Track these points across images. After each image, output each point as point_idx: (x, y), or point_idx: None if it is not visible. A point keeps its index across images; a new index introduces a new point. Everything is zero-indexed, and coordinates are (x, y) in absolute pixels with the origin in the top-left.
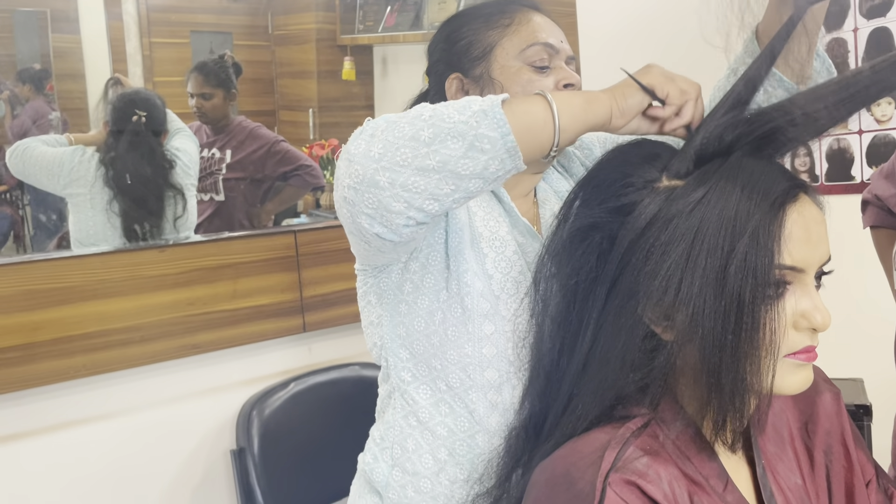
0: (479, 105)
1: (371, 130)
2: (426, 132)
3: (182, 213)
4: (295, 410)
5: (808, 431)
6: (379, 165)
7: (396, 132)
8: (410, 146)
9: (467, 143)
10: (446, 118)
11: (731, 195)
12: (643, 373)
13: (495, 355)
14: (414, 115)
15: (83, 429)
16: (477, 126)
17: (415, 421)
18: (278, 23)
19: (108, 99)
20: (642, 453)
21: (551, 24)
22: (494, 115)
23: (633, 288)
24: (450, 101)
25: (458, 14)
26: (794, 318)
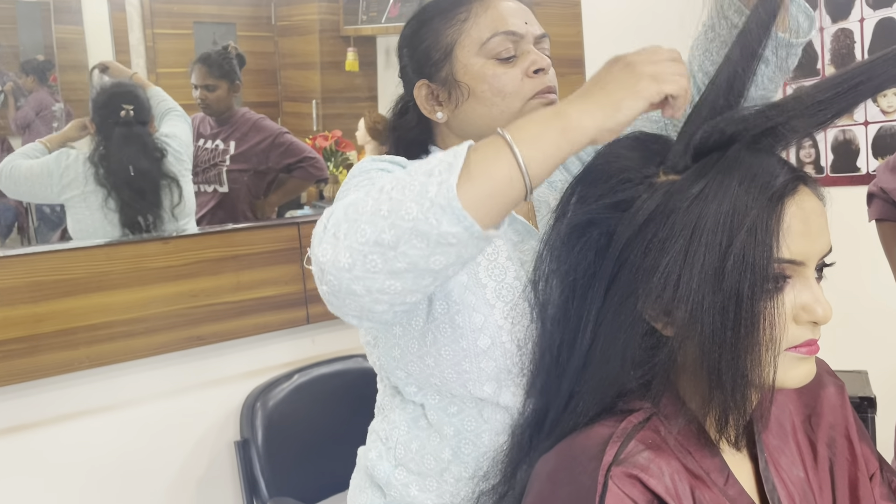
0: (434, 191)
1: (333, 229)
2: (388, 234)
3: (179, 202)
4: (298, 402)
5: (812, 424)
6: (351, 275)
7: (359, 236)
8: (377, 251)
9: (432, 241)
10: (405, 215)
11: (729, 189)
12: (644, 369)
13: (493, 368)
14: (372, 211)
15: (87, 420)
16: (438, 224)
17: (424, 423)
18: (281, 14)
19: (95, 88)
20: (644, 447)
21: (515, 5)
22: (453, 209)
23: (631, 284)
24: (410, 171)
25: (417, 12)
26: (794, 311)
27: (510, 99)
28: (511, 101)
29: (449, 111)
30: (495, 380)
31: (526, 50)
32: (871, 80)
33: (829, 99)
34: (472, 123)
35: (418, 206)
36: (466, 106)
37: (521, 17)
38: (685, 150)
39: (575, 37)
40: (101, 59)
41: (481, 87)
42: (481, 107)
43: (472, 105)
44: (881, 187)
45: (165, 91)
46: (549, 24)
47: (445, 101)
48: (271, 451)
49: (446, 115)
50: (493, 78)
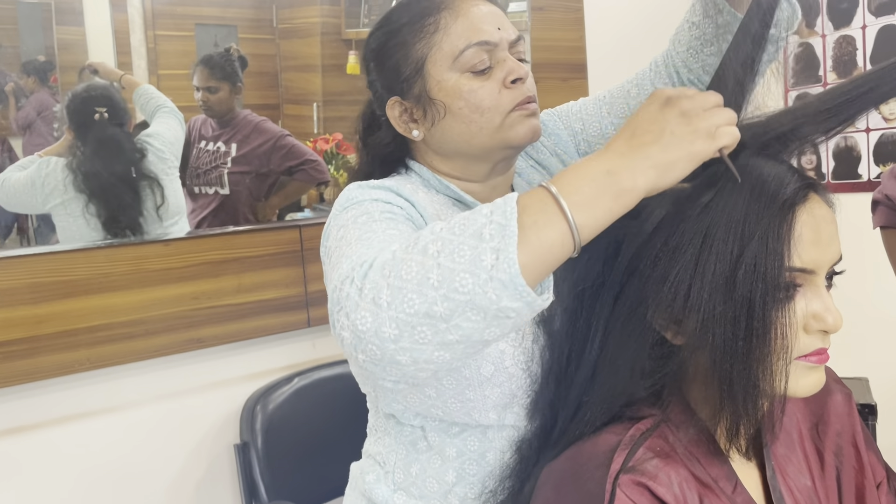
0: (492, 259)
1: (372, 295)
2: (440, 307)
3: (162, 202)
4: (299, 405)
5: (819, 432)
6: (397, 346)
7: (406, 306)
8: (427, 323)
9: (490, 315)
10: (459, 287)
11: (739, 198)
12: (654, 379)
13: (499, 394)
14: (419, 279)
15: (87, 422)
16: (497, 300)
17: (423, 445)
18: (283, 16)
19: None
20: (652, 455)
21: (486, 9)
22: (515, 286)
23: (641, 294)
24: (454, 231)
25: (382, 22)
26: (804, 320)
27: (489, 114)
28: (490, 117)
29: (425, 129)
30: (501, 406)
31: (501, 58)
32: (879, 88)
33: (838, 106)
34: (451, 140)
35: (474, 277)
36: (443, 124)
37: (494, 22)
38: None
39: (577, 41)
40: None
41: (458, 104)
42: (459, 124)
43: (449, 123)
44: (886, 194)
45: (167, 93)
46: (552, 29)
47: (421, 119)
48: (271, 454)
49: (422, 132)
50: (469, 94)
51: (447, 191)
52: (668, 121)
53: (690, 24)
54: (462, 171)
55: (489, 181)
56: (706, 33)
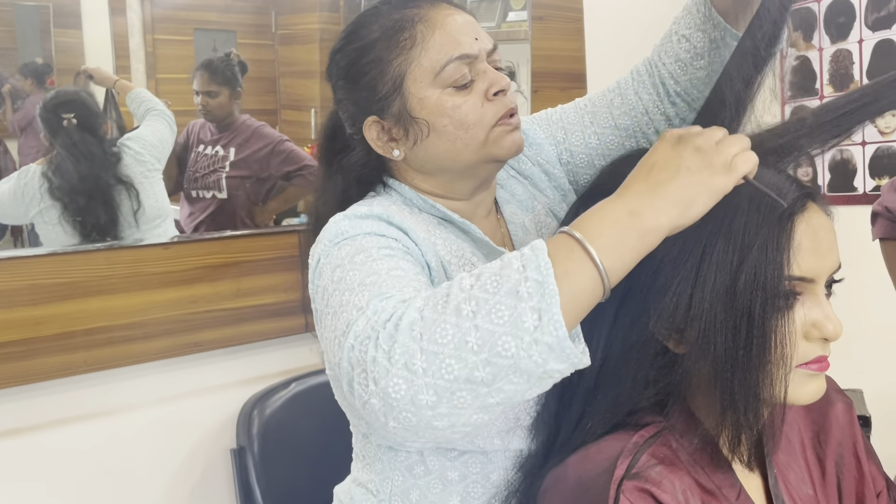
0: (534, 321)
1: (404, 361)
2: (482, 372)
3: (138, 207)
4: (296, 410)
5: (820, 441)
6: (435, 413)
7: (444, 372)
8: (468, 389)
9: (534, 378)
10: (501, 352)
11: (739, 207)
12: (657, 388)
13: (502, 420)
14: (458, 342)
15: (83, 425)
16: (544, 363)
17: (421, 470)
18: (282, 22)
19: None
20: (656, 462)
21: (462, 19)
22: (563, 348)
23: (643, 304)
24: (486, 289)
25: (349, 36)
26: (804, 328)
27: (474, 130)
28: (475, 132)
29: (406, 148)
30: (505, 430)
31: (481, 70)
32: (876, 102)
33: (836, 119)
34: (435, 159)
35: (517, 340)
36: (427, 142)
37: (471, 32)
38: None
39: (577, 52)
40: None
41: (442, 122)
42: (444, 142)
43: (432, 141)
44: (886, 206)
45: (165, 97)
46: (552, 39)
47: (402, 139)
48: (267, 459)
49: (403, 152)
50: (453, 110)
51: (432, 210)
52: (684, 157)
53: (680, 37)
54: (445, 188)
55: (473, 198)
56: (697, 47)
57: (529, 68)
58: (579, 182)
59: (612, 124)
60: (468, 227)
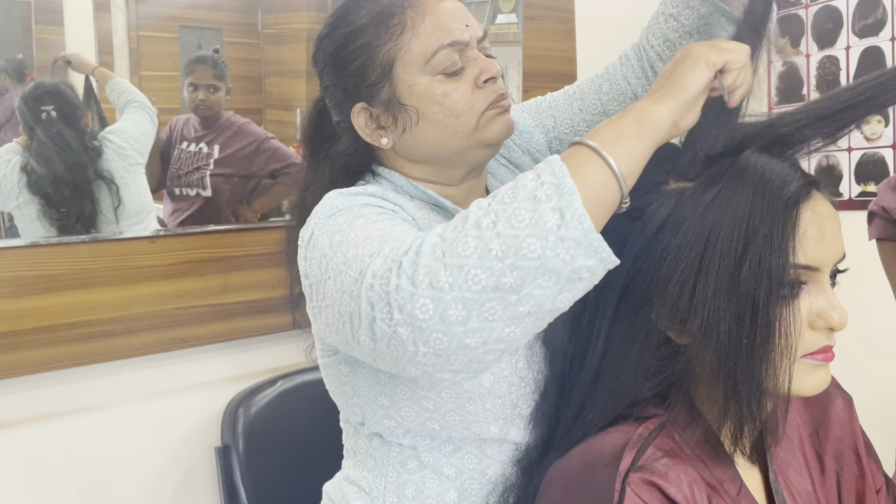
0: (556, 219)
1: (428, 280)
2: (510, 277)
3: (118, 203)
4: (282, 408)
5: (819, 437)
6: (466, 328)
7: (471, 283)
8: (497, 297)
9: (563, 279)
10: (527, 254)
11: (743, 195)
12: (659, 379)
13: (500, 406)
14: (481, 251)
15: (65, 420)
16: (572, 260)
17: (415, 465)
18: (268, 21)
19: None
20: (662, 454)
21: (450, 5)
22: (590, 241)
23: (645, 294)
24: (503, 200)
25: (338, 21)
26: (810, 317)
27: (464, 117)
28: (465, 119)
29: (395, 136)
30: (502, 418)
31: (472, 57)
32: (879, 97)
33: (838, 112)
34: (425, 146)
35: (541, 241)
36: (416, 130)
37: (462, 19)
38: (695, 156)
39: (569, 52)
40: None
41: (432, 109)
42: (433, 129)
43: (422, 129)
44: (882, 206)
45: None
46: (544, 39)
47: (391, 126)
48: (252, 458)
49: (392, 140)
50: (443, 97)
51: (424, 196)
52: (675, 60)
53: (667, 17)
54: (436, 175)
55: (464, 184)
56: (685, 25)
57: (520, 70)
58: None
59: (601, 110)
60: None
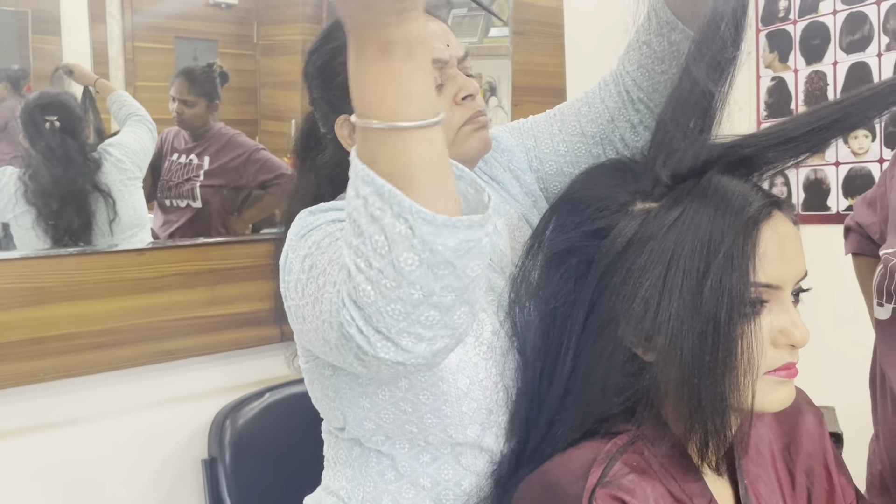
0: (406, 230)
1: (373, 327)
2: (416, 292)
3: (114, 216)
4: (269, 421)
5: (791, 453)
6: (429, 346)
7: (397, 316)
8: (421, 309)
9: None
10: (409, 267)
11: (705, 215)
12: (626, 395)
13: (476, 409)
14: (381, 290)
15: (51, 433)
16: (444, 247)
17: (392, 475)
18: (264, 33)
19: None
20: (629, 470)
21: (433, 26)
22: (442, 223)
23: (611, 311)
24: (358, 234)
25: (325, 37)
26: (771, 335)
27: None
28: (444, 133)
29: None
30: (478, 423)
31: (451, 75)
32: (845, 119)
33: (804, 135)
34: None
35: (411, 252)
36: None
37: (443, 39)
38: (661, 177)
39: (558, 67)
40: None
41: None
42: None
43: None
44: (857, 221)
45: (144, 105)
46: (533, 54)
47: None
48: (239, 470)
49: None
50: None
51: None
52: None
53: (641, 43)
54: None
55: None
56: (657, 52)
57: (510, 83)
58: (550, 190)
59: (580, 132)
60: None
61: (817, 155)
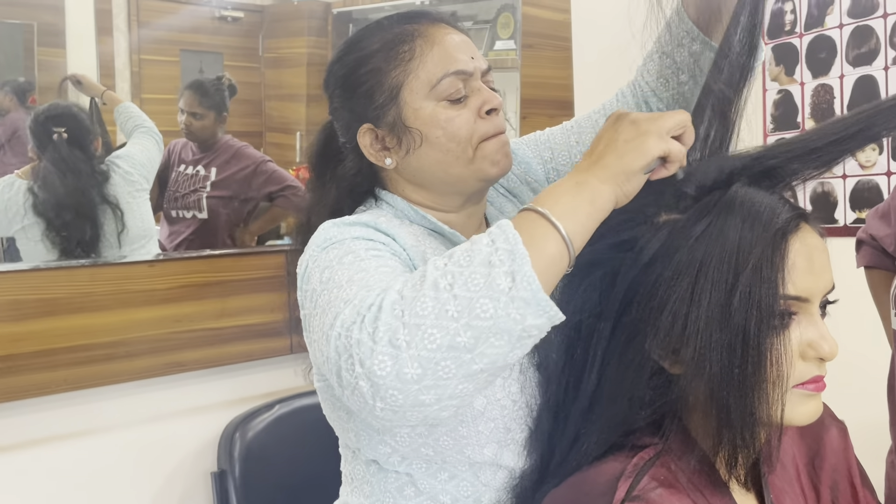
0: (508, 282)
1: (388, 337)
2: (464, 336)
3: (122, 228)
4: (279, 433)
5: (815, 467)
6: (421, 386)
7: (427, 342)
8: (451, 356)
9: (514, 337)
10: (481, 314)
11: (733, 227)
12: (653, 409)
13: (493, 429)
14: (437, 312)
15: (63, 444)
16: (522, 319)
17: (411, 491)
18: (269, 45)
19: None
20: (657, 484)
21: (459, 38)
22: (538, 301)
23: (638, 324)
24: (460, 263)
25: (350, 48)
26: (800, 348)
27: (465, 144)
28: (465, 146)
29: (399, 158)
30: (496, 441)
31: (476, 88)
32: (868, 130)
33: (827, 146)
34: (426, 169)
35: (494, 302)
36: (419, 152)
37: (467, 51)
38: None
39: (565, 79)
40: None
41: (435, 133)
42: (435, 153)
43: (425, 151)
44: (871, 234)
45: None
46: (541, 67)
47: (395, 148)
48: (249, 483)
49: (395, 161)
50: (447, 122)
51: (423, 221)
52: (620, 131)
53: (661, 54)
54: (436, 200)
55: (464, 210)
56: (677, 62)
57: (518, 95)
58: None
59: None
60: (458, 239)
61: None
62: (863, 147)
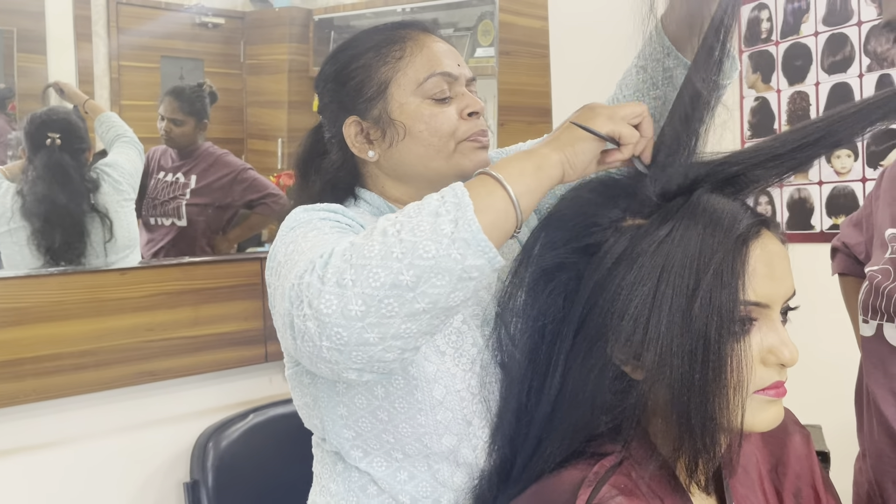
0: (451, 227)
1: (335, 278)
2: (406, 275)
3: (110, 237)
4: (253, 443)
5: (778, 473)
6: (364, 323)
7: (371, 280)
8: (394, 294)
9: (455, 277)
10: (423, 254)
11: (694, 233)
12: (615, 413)
13: (451, 420)
14: (383, 253)
15: (31, 456)
16: (462, 259)
17: (374, 489)
18: (251, 52)
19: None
20: (617, 492)
21: (446, 47)
22: (478, 242)
23: (601, 328)
24: (409, 214)
25: (344, 47)
26: (761, 353)
27: (446, 139)
28: (447, 142)
29: (381, 150)
30: (454, 434)
31: (460, 92)
32: (829, 137)
33: (790, 152)
34: (406, 163)
35: (436, 244)
36: (401, 145)
37: (454, 59)
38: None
39: (543, 87)
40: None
41: (418, 127)
42: (417, 146)
43: (407, 145)
44: (844, 242)
45: (129, 124)
46: (519, 74)
47: (378, 140)
48: (222, 493)
49: (378, 154)
50: (430, 118)
51: None
52: (577, 115)
53: (639, 69)
54: (413, 196)
55: None
56: (653, 76)
57: (496, 102)
58: (541, 208)
59: None
60: None
61: (801, 174)
62: (825, 154)
